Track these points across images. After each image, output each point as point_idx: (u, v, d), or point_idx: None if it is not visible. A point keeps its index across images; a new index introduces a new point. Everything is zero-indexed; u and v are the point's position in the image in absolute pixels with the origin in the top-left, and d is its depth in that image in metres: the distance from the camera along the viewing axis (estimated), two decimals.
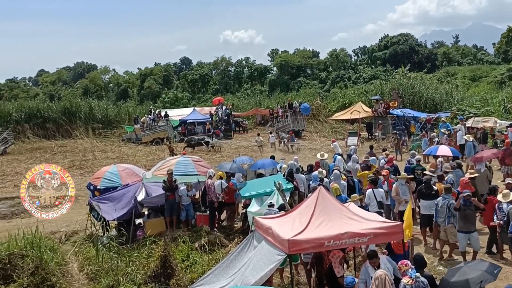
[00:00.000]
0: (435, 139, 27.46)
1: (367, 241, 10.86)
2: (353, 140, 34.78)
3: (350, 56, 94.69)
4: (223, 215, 19.01)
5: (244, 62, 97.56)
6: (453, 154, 21.19)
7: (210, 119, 47.87)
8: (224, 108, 50.13)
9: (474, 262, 10.56)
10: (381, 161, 20.54)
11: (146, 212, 18.58)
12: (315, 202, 11.38)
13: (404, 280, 9.58)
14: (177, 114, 51.05)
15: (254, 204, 15.88)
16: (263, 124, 50.37)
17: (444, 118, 32.76)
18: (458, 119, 31.12)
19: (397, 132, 31.84)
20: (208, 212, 17.74)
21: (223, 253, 15.04)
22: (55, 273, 14.47)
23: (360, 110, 39.45)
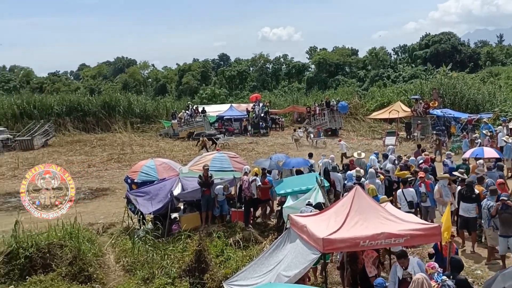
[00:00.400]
0: (477, 141, 26.80)
1: (404, 242, 10.70)
2: (391, 140, 34.30)
3: (390, 55, 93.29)
4: (258, 212, 19.00)
5: (282, 59, 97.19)
6: (499, 156, 20.67)
7: (247, 116, 47.93)
8: (261, 105, 50.08)
9: (509, 270, 10.25)
10: (419, 162, 20.16)
11: (182, 207, 18.73)
12: (351, 201, 11.28)
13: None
14: (214, 110, 51.25)
15: (290, 201, 15.81)
16: (300, 122, 50.09)
17: (486, 119, 31.99)
18: (501, 121, 30.31)
19: (437, 133, 31.25)
20: (243, 208, 17.78)
21: (257, 250, 15.06)
22: (92, 264, 14.76)
23: (399, 110, 38.88)
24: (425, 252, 13.59)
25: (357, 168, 18.39)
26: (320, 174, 18.26)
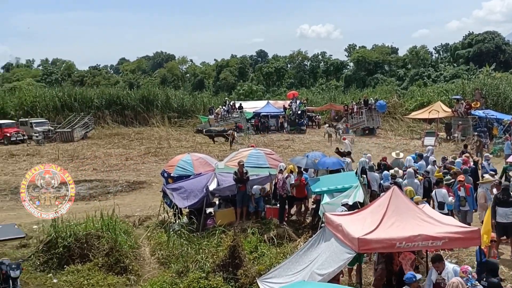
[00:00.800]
0: None
1: (441, 245, 10.54)
2: (430, 141, 33.71)
3: (431, 54, 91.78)
4: (293, 209, 18.92)
5: (320, 57, 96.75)
6: None
7: (284, 113, 47.83)
8: (298, 102, 49.89)
9: None
10: (459, 163, 19.71)
11: (217, 202, 18.80)
12: (388, 202, 11.15)
13: None
14: (251, 107, 51.28)
15: (326, 199, 15.68)
16: (337, 120, 49.69)
17: None
18: None
19: (478, 134, 30.55)
20: (278, 206, 17.74)
21: (291, 247, 15.02)
22: (128, 256, 14.98)
23: (439, 110, 38.21)
24: (463, 256, 13.32)
25: (396, 168, 18.14)
26: (357, 173, 18.09)
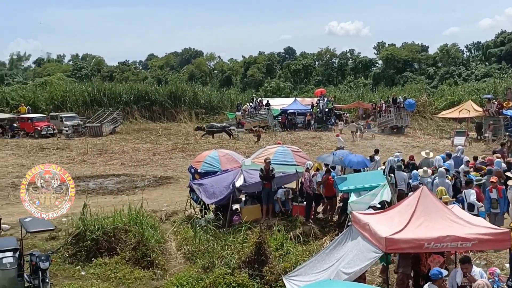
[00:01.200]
0: None
1: (471, 247, 10.36)
2: (460, 140, 33.22)
3: (462, 52, 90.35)
4: (320, 207, 18.84)
5: (349, 54, 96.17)
6: None
7: (311, 110, 47.67)
8: (326, 100, 49.69)
9: None
10: (499, 162, 19.24)
11: (243, 198, 18.82)
12: (417, 202, 11.02)
13: None
14: (278, 104, 51.26)
15: (353, 198, 15.58)
16: (365, 118, 49.40)
17: None
18: None
19: (510, 134, 29.96)
20: (305, 203, 17.68)
21: (317, 245, 14.95)
22: (155, 250, 15.08)
23: (470, 109, 37.65)
24: (493, 258, 13.10)
25: (424, 168, 17.92)
26: (385, 172, 17.93)
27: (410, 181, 17.03)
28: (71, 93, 54.08)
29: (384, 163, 19.72)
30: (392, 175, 17.77)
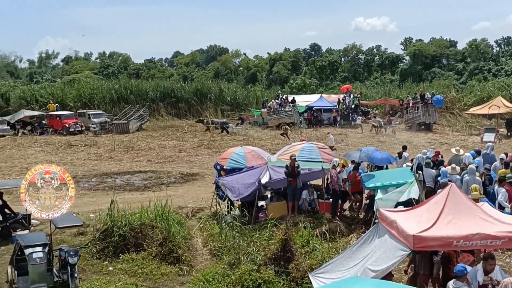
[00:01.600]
0: None
1: (501, 245, 10.20)
2: (490, 137, 32.69)
3: (492, 47, 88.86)
4: (346, 204, 18.71)
5: (375, 50, 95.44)
6: None
7: (337, 107, 47.38)
8: (352, 97, 49.35)
9: None
10: None
11: (269, 195, 18.79)
12: (445, 199, 10.86)
13: None
14: (304, 100, 51.06)
15: (380, 195, 15.42)
16: (392, 115, 48.92)
17: None
18: None
19: None
20: (331, 200, 17.58)
21: (344, 243, 14.86)
22: (181, 246, 15.15)
23: (500, 105, 37.06)
24: None
25: (453, 165, 17.64)
26: (412, 169, 17.70)
27: (439, 179, 16.79)
28: (99, 91, 54.65)
29: (412, 160, 19.49)
30: (420, 172, 17.53)
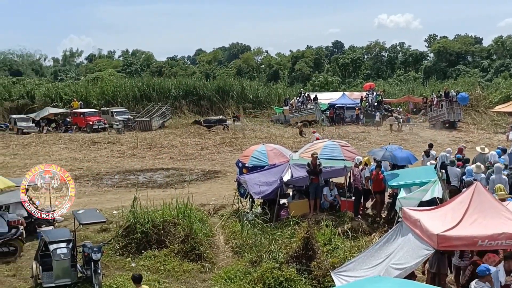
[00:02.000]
0: None
1: None
2: None
3: None
4: (369, 203, 18.57)
5: (399, 47, 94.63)
6: None
7: (359, 105, 47.08)
8: (375, 94, 48.99)
9: None
10: None
11: (291, 193, 18.75)
12: (470, 198, 10.76)
13: None
14: (326, 98, 50.85)
15: (403, 193, 15.25)
16: (415, 113, 48.43)
17: None
18: None
19: None
20: (354, 199, 17.47)
21: (366, 241, 14.77)
22: (203, 243, 15.20)
23: None
24: None
25: (478, 163, 17.36)
26: (436, 168, 17.48)
27: (464, 177, 16.54)
28: (122, 88, 55.10)
29: (436, 159, 19.22)
30: (443, 171, 17.28)
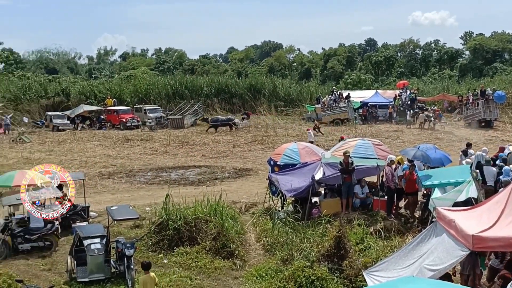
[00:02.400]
0: None
1: None
2: None
3: None
4: (402, 202, 18.32)
5: (433, 45, 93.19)
6: None
7: (393, 103, 46.53)
8: (408, 92, 48.33)
9: None
10: None
11: (323, 191, 18.64)
12: (507, 198, 10.51)
13: None
14: (359, 96, 50.44)
15: (438, 193, 15.00)
16: (450, 111, 47.61)
17: None
18: None
19: None
20: (386, 198, 17.27)
21: (399, 241, 14.60)
22: (234, 241, 15.26)
23: None
24: None
25: None
26: (471, 167, 17.13)
27: (501, 177, 16.18)
28: (154, 86, 55.64)
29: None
30: (478, 171, 16.90)
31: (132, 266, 13.09)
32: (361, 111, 46.83)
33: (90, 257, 13.32)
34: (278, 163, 19.59)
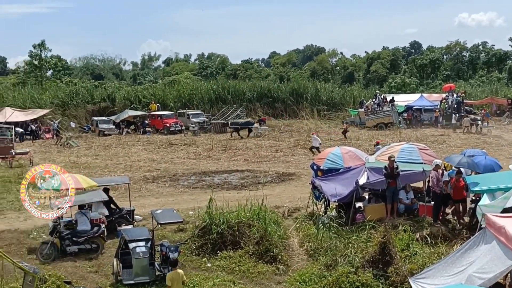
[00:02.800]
0: None
1: None
2: None
3: None
4: (448, 208, 17.88)
5: (481, 47, 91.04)
6: None
7: (439, 107, 45.61)
8: (455, 96, 47.28)
9: None
10: None
11: (367, 197, 18.41)
12: None
13: None
14: (403, 100, 49.68)
15: (486, 200, 14.56)
16: (499, 115, 46.35)
17: None
18: None
19: None
20: (433, 203, 16.90)
21: (447, 248, 14.25)
22: (278, 246, 15.20)
23: None
24: None
25: None
26: None
27: None
28: (197, 91, 56.16)
29: None
30: None
31: None
32: (406, 115, 46.12)
33: (135, 260, 13.52)
34: (322, 168, 19.44)
